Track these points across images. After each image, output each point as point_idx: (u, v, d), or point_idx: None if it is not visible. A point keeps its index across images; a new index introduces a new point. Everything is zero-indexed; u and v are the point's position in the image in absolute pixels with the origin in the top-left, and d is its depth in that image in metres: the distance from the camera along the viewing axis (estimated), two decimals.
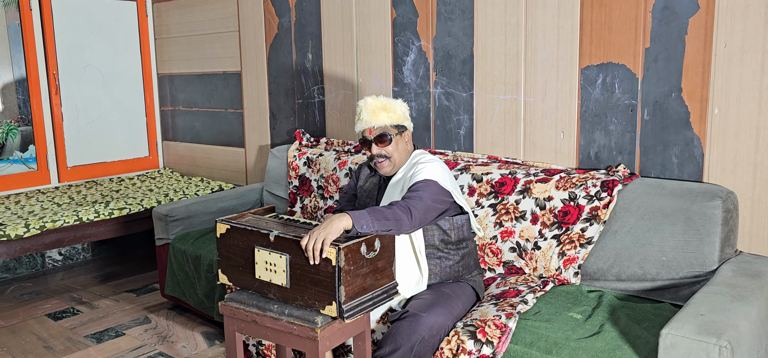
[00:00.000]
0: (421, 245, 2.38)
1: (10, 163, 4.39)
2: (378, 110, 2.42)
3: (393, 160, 2.45)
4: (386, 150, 2.43)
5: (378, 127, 2.43)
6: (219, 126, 4.55)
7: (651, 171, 2.66)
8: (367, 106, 2.44)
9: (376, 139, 2.43)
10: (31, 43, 4.33)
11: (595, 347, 2.02)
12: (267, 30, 4.05)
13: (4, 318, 3.65)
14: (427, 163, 2.38)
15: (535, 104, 2.93)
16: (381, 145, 2.43)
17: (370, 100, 2.45)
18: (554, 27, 2.82)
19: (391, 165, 2.45)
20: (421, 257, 2.38)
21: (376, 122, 2.42)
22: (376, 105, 2.43)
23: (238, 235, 2.25)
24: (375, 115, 2.42)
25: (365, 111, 2.43)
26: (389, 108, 2.44)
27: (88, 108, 4.66)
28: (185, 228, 3.57)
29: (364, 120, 2.43)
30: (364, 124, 2.44)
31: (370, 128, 2.43)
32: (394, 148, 2.44)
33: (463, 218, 2.45)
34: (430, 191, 2.29)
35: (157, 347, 3.21)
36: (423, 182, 2.31)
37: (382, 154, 2.43)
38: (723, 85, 2.44)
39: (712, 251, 2.31)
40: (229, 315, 2.27)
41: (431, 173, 2.33)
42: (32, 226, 3.55)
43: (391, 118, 2.44)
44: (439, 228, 2.40)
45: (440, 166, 2.40)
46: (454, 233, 2.43)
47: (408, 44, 3.33)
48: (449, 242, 2.42)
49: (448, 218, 2.41)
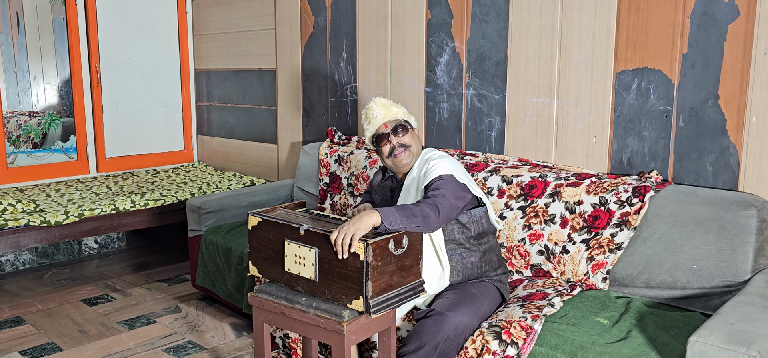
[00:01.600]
0: (440, 241, 2.39)
1: (51, 153, 4.53)
2: (389, 105, 2.47)
3: (412, 151, 2.46)
4: (405, 139, 2.44)
5: (394, 120, 2.46)
6: (253, 122, 4.62)
7: (684, 178, 2.63)
8: (377, 104, 2.47)
9: (393, 130, 2.44)
10: (76, 37, 4.46)
11: (621, 353, 2.01)
12: (303, 29, 4.10)
13: (42, 302, 3.77)
14: (437, 159, 2.39)
15: (568, 108, 2.91)
16: (399, 135, 2.44)
17: (378, 99, 2.49)
18: (590, 31, 2.80)
19: (410, 156, 2.45)
20: (441, 253, 2.39)
21: (391, 116, 2.46)
22: (385, 103, 2.48)
23: (269, 228, 2.29)
24: (388, 110, 2.46)
25: (377, 108, 2.46)
26: (398, 105, 2.51)
27: (127, 101, 4.78)
28: (217, 221, 3.64)
29: (378, 116, 2.45)
30: (379, 120, 2.45)
31: (386, 122, 2.45)
32: (411, 137, 2.46)
33: (481, 211, 2.45)
34: (449, 188, 2.29)
35: (186, 335, 3.28)
36: (440, 178, 2.31)
37: (403, 143, 2.44)
38: (762, 93, 2.39)
39: (745, 261, 2.27)
40: (258, 306, 2.32)
41: (445, 168, 2.34)
42: (71, 213, 3.66)
43: (400, 115, 2.48)
44: (458, 222, 2.40)
45: (450, 161, 2.40)
46: (474, 227, 2.43)
47: (442, 45, 3.35)
48: (470, 236, 2.42)
49: (466, 212, 2.40)
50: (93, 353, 3.08)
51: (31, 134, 4.50)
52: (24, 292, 3.93)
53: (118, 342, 3.20)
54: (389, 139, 2.44)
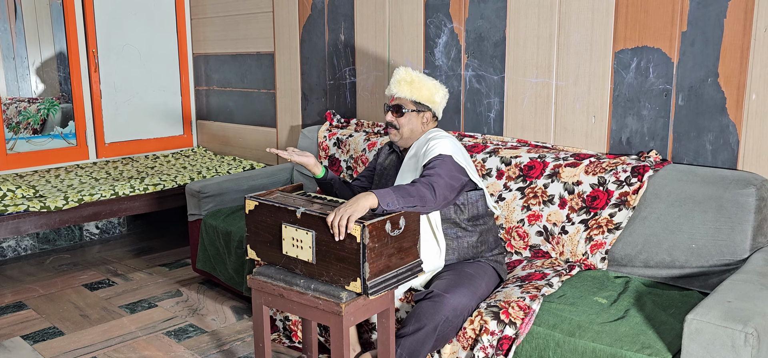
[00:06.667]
0: (437, 220, 2.40)
1: (50, 138, 4.52)
2: (404, 83, 2.49)
3: (401, 133, 2.50)
4: (397, 121, 2.49)
5: (398, 98, 2.50)
6: (251, 106, 4.61)
7: (684, 157, 2.62)
8: (396, 75, 2.51)
9: (393, 107, 2.50)
10: (72, 22, 4.44)
11: (618, 331, 2.01)
12: (301, 11, 4.07)
13: (44, 287, 3.78)
14: (439, 139, 2.40)
15: (567, 88, 2.90)
16: (394, 115, 2.50)
17: (402, 70, 2.51)
18: (589, 9, 2.78)
19: (398, 136, 2.50)
20: (438, 232, 2.40)
21: (399, 92, 2.49)
22: (404, 77, 2.49)
23: (266, 211, 2.29)
24: (399, 86, 2.49)
25: (394, 79, 2.51)
26: (417, 84, 2.48)
27: (125, 86, 4.76)
28: (217, 205, 3.64)
29: (390, 87, 2.52)
30: (389, 93, 2.53)
31: (393, 96, 2.52)
32: (405, 121, 2.48)
33: (478, 194, 2.46)
34: (445, 168, 2.30)
35: (187, 319, 3.29)
36: (438, 157, 2.32)
37: (393, 123, 2.50)
38: (762, 70, 2.38)
39: (744, 240, 2.26)
40: (257, 288, 2.32)
41: (443, 148, 2.35)
42: (71, 199, 3.66)
43: (414, 95, 2.48)
44: (454, 204, 2.42)
45: (452, 141, 2.40)
46: (468, 209, 2.43)
47: (440, 26, 3.32)
48: (464, 218, 2.43)
49: (463, 193, 2.42)
50: (94, 337, 3.09)
51: (30, 120, 4.50)
52: (26, 277, 3.95)
53: (119, 326, 3.22)
54: (388, 113, 2.52)
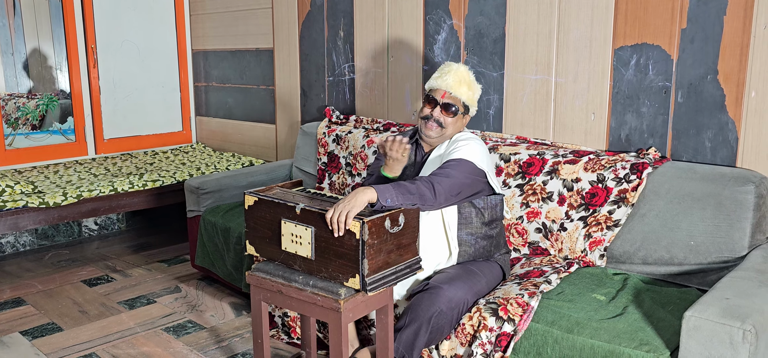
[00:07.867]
0: (452, 222, 2.39)
1: (49, 134, 4.52)
2: (462, 83, 2.42)
3: (444, 134, 2.45)
4: (446, 120, 2.42)
5: (453, 97, 2.43)
6: (251, 102, 4.61)
7: (683, 155, 2.62)
8: (456, 73, 2.43)
9: (444, 104, 2.42)
10: (71, 18, 4.43)
11: (617, 328, 2.01)
12: (300, 7, 4.07)
13: (43, 283, 3.78)
14: (466, 141, 2.38)
15: (566, 85, 2.90)
16: (445, 113, 2.42)
17: (463, 69, 2.45)
18: (588, 6, 2.78)
19: (439, 134, 2.44)
20: (450, 233, 2.39)
21: (456, 91, 2.42)
22: (464, 77, 2.43)
23: (265, 207, 2.28)
24: (458, 85, 2.42)
25: (452, 75, 2.42)
26: (472, 88, 2.46)
27: (124, 82, 4.76)
28: (216, 201, 3.64)
29: (447, 83, 2.41)
30: (444, 86, 2.41)
31: (446, 92, 2.42)
32: (453, 123, 2.44)
33: (497, 199, 2.47)
34: (461, 170, 2.29)
35: (186, 315, 3.29)
36: (456, 160, 2.31)
37: (441, 121, 2.42)
38: (761, 68, 2.37)
39: (743, 237, 2.26)
40: (256, 284, 2.32)
41: (467, 153, 2.33)
42: (70, 194, 3.66)
43: (467, 98, 2.45)
44: (474, 206, 2.41)
45: (478, 144, 2.40)
46: (488, 213, 2.44)
47: (439, 23, 3.32)
48: (483, 222, 2.43)
49: (483, 198, 2.41)
50: (93, 333, 3.09)
51: (28, 116, 4.49)
52: (25, 273, 3.95)
53: (118, 322, 3.22)
54: (435, 107, 2.43)
